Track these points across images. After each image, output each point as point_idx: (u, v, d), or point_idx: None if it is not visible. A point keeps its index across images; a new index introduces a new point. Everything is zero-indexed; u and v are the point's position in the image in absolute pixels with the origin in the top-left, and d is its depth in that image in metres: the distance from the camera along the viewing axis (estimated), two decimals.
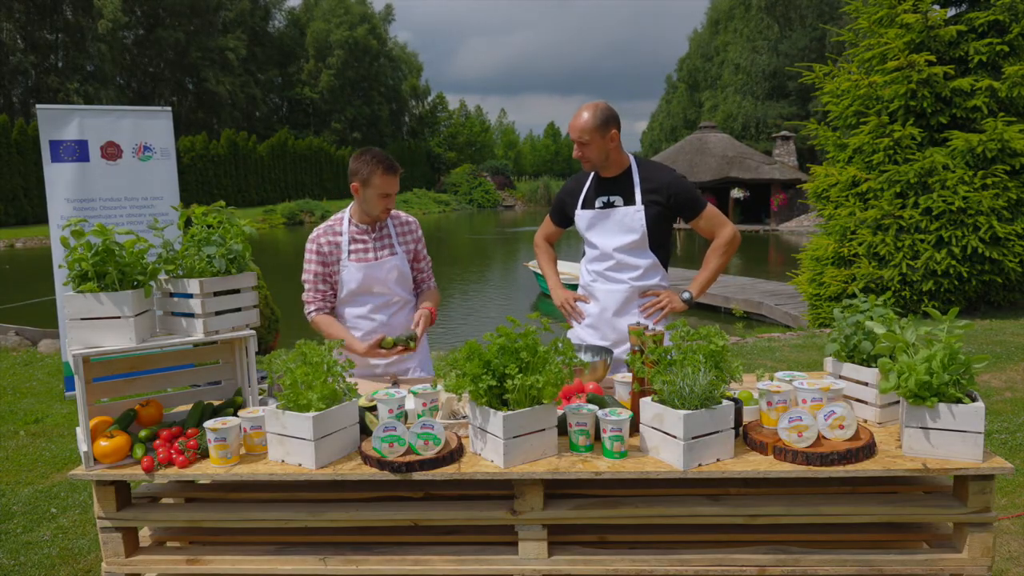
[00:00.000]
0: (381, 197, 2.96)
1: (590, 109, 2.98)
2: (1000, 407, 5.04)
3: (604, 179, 3.14)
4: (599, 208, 3.14)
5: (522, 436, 2.05)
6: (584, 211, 3.18)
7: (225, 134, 46.45)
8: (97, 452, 2.14)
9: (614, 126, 2.99)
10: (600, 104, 3.01)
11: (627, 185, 3.10)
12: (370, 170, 2.91)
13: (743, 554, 2.12)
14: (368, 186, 2.94)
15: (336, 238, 3.05)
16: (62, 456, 4.67)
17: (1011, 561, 2.99)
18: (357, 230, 3.07)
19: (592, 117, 2.95)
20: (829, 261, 9.40)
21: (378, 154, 2.95)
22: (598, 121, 2.96)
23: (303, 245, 3.13)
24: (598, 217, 3.14)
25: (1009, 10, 8.78)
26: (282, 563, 2.20)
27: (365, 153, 2.96)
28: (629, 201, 3.08)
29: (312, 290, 3.08)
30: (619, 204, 3.10)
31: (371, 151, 2.97)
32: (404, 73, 73.29)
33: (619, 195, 3.11)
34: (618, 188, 3.12)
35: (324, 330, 3.06)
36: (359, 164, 2.94)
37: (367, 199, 2.98)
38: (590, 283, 3.23)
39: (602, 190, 3.15)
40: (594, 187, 3.18)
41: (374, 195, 2.95)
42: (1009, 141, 8.33)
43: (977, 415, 1.95)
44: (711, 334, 2.11)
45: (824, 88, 9.72)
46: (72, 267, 2.23)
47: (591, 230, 3.17)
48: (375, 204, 2.98)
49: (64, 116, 5.57)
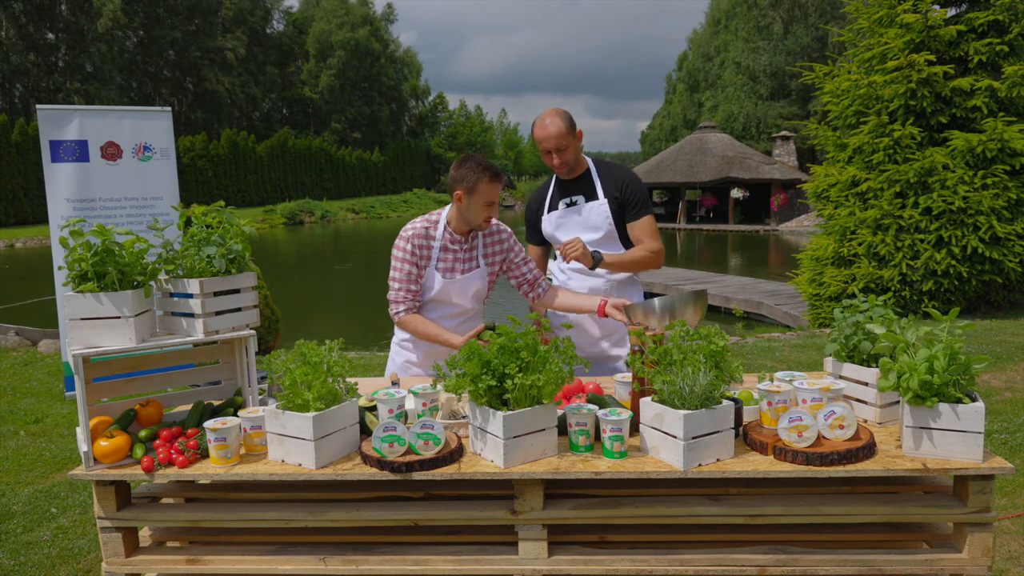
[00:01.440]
0: (486, 206, 2.88)
1: (557, 116, 3.09)
2: (1000, 407, 5.04)
3: (565, 182, 3.25)
4: (564, 208, 3.23)
5: (522, 436, 2.05)
6: (550, 214, 3.28)
7: (225, 134, 46.44)
8: (97, 452, 2.14)
9: (576, 125, 3.13)
10: (559, 109, 3.12)
11: (588, 183, 3.21)
12: (476, 177, 2.82)
13: (743, 554, 2.12)
14: (474, 194, 2.84)
15: (430, 242, 2.95)
16: (62, 456, 4.67)
17: (1011, 561, 2.99)
18: (451, 239, 2.97)
19: (564, 123, 3.07)
20: (829, 261, 9.40)
21: (482, 161, 2.87)
22: (568, 125, 3.08)
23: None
24: (564, 216, 3.23)
25: (1009, 10, 8.78)
26: (282, 563, 2.20)
27: (468, 160, 2.88)
28: (591, 197, 3.19)
29: (403, 290, 2.95)
30: (582, 202, 3.20)
31: (474, 158, 2.89)
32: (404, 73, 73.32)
33: (581, 194, 3.21)
34: (580, 188, 3.22)
35: (416, 328, 2.96)
36: (464, 171, 2.85)
37: (471, 207, 2.88)
38: (566, 282, 3.29)
39: (564, 192, 3.25)
40: (556, 191, 3.28)
41: (479, 203, 2.86)
42: (1009, 141, 8.33)
43: (977, 415, 1.95)
44: (711, 334, 2.11)
45: (824, 88, 9.72)
46: (72, 267, 2.23)
47: (559, 230, 3.25)
48: (479, 212, 2.88)
49: (64, 116, 5.57)
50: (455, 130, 77.39)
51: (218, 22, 57.43)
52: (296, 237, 33.38)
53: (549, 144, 3.08)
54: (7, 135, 33.58)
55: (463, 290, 3.01)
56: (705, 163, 30.53)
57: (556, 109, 3.14)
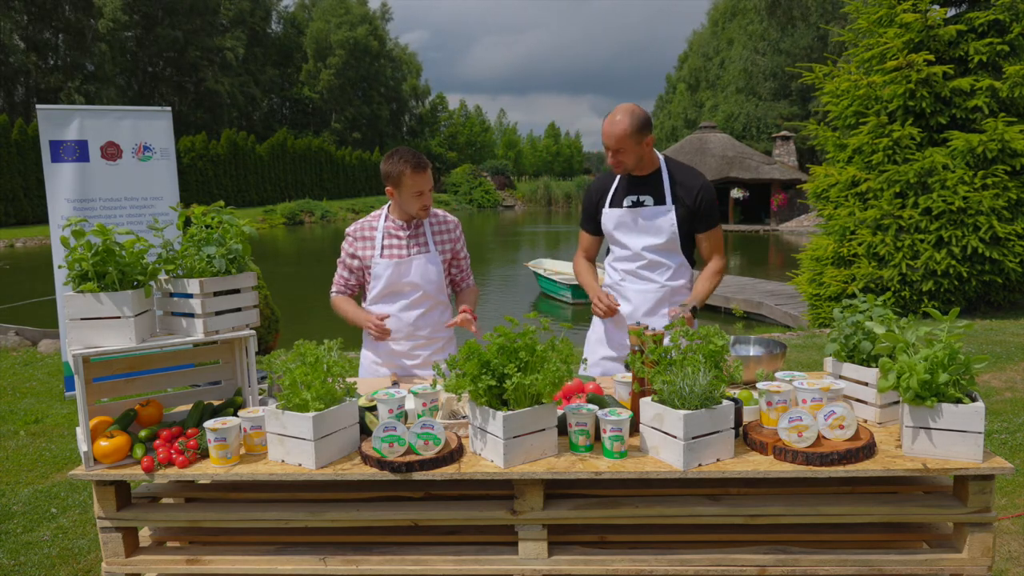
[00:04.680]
0: (416, 196, 2.96)
1: (628, 116, 2.88)
2: (1000, 407, 5.04)
3: (633, 177, 3.08)
4: (628, 207, 3.07)
5: (522, 436, 2.05)
6: (612, 210, 3.11)
7: (225, 134, 46.41)
8: (97, 452, 2.14)
9: (648, 131, 2.93)
10: (635, 110, 2.91)
11: (657, 184, 3.04)
12: (399, 171, 2.91)
13: (743, 554, 2.12)
14: (400, 187, 2.94)
15: (372, 232, 3.08)
16: (62, 456, 4.67)
17: (1011, 561, 2.99)
18: (393, 226, 3.08)
19: (630, 125, 2.87)
20: (829, 261, 9.40)
21: (405, 153, 2.95)
22: (635, 128, 2.88)
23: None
24: (627, 216, 3.07)
25: (1009, 10, 8.78)
26: (282, 563, 2.20)
27: (393, 155, 2.96)
28: (659, 201, 3.03)
29: (339, 276, 3.17)
30: (649, 203, 3.04)
31: (398, 151, 2.97)
32: (404, 73, 73.29)
33: (649, 194, 3.05)
34: (648, 187, 3.05)
35: (339, 307, 3.14)
36: (388, 166, 2.94)
37: (403, 200, 2.98)
38: (619, 282, 3.16)
39: (631, 189, 3.08)
40: (623, 186, 3.11)
41: (408, 195, 2.96)
42: (1010, 141, 8.33)
43: (977, 415, 1.95)
44: (711, 334, 2.11)
45: (824, 88, 9.72)
46: (72, 267, 2.23)
47: (619, 229, 3.11)
48: (412, 203, 2.98)
49: (64, 116, 5.57)
50: (455, 130, 77.37)
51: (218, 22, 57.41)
52: (296, 237, 33.38)
53: (608, 142, 2.92)
54: (7, 135, 33.54)
55: (418, 272, 3.04)
56: (705, 163, 30.51)
57: (631, 107, 2.92)
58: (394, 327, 3.08)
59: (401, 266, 3.04)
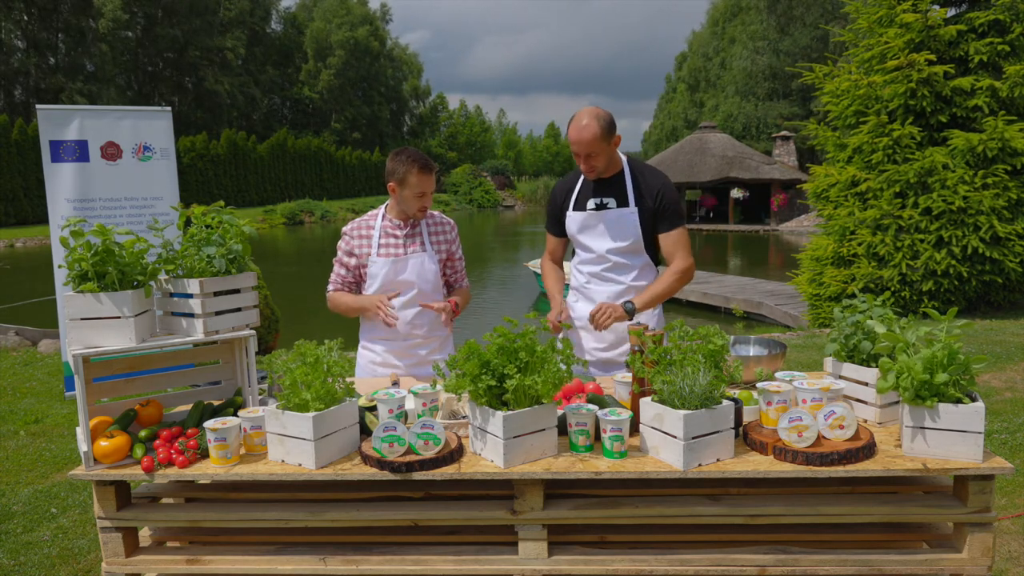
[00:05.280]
0: (417, 196, 2.98)
1: (595, 119, 2.86)
2: (1000, 407, 5.04)
3: (596, 180, 3.06)
4: (591, 210, 3.06)
5: (522, 436, 2.05)
6: (576, 213, 3.10)
7: (225, 134, 46.41)
8: (97, 452, 2.14)
9: (615, 131, 2.93)
10: (600, 112, 2.90)
11: (620, 186, 3.03)
12: (406, 169, 2.93)
13: (743, 554, 2.12)
14: (404, 185, 2.96)
15: (369, 231, 3.09)
16: (62, 456, 4.67)
17: (1011, 561, 2.99)
18: (390, 225, 3.10)
19: (599, 128, 2.86)
20: (829, 261, 9.40)
21: (413, 153, 2.98)
22: (604, 131, 2.87)
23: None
24: (591, 219, 3.06)
25: (1009, 10, 8.78)
26: (282, 563, 2.20)
27: (401, 153, 2.99)
28: (622, 203, 3.02)
29: (335, 274, 3.16)
30: (612, 206, 3.03)
31: (407, 150, 2.99)
32: (404, 73, 73.27)
33: (612, 196, 3.03)
34: (611, 189, 3.04)
35: (337, 301, 3.14)
36: (395, 164, 2.97)
37: (404, 198, 3.00)
38: (584, 284, 3.16)
39: (594, 191, 3.07)
40: (587, 188, 3.10)
41: (410, 194, 2.98)
42: (1010, 141, 8.33)
43: (977, 415, 1.95)
44: (711, 334, 2.11)
45: (824, 88, 9.72)
46: (72, 267, 2.23)
47: (583, 232, 3.10)
48: (412, 203, 3.00)
49: (64, 116, 5.58)
50: (455, 130, 77.36)
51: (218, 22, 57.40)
52: (296, 237, 33.38)
53: (579, 149, 2.90)
54: (7, 135, 33.55)
55: (414, 270, 3.05)
56: (705, 163, 30.52)
57: (595, 110, 2.89)
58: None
59: (398, 264, 3.05)
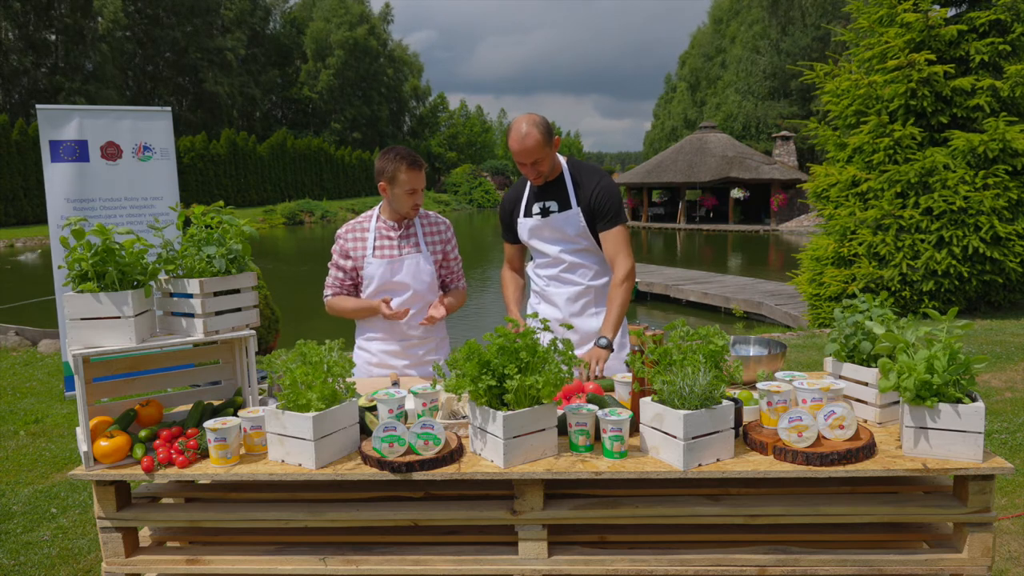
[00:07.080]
0: (408, 194, 2.98)
1: (534, 127, 2.88)
2: (1000, 407, 5.04)
3: (539, 184, 3.11)
4: (537, 215, 3.11)
5: (522, 436, 2.05)
6: (524, 219, 3.16)
7: (225, 134, 46.41)
8: (97, 452, 2.14)
9: (552, 135, 2.96)
10: (538, 119, 2.93)
11: (561, 190, 3.07)
12: (395, 167, 2.93)
13: (743, 554, 2.12)
14: (395, 184, 2.96)
15: (364, 234, 3.09)
16: (62, 456, 4.67)
17: (1011, 561, 2.99)
18: (385, 226, 3.10)
19: (540, 135, 2.89)
20: (829, 261, 9.40)
21: (401, 151, 2.98)
22: (545, 136, 2.91)
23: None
24: (538, 224, 3.11)
25: (1010, 10, 8.78)
26: (282, 563, 2.20)
27: (389, 151, 2.99)
28: (564, 205, 3.06)
29: (332, 277, 3.15)
30: (554, 209, 3.07)
31: (395, 149, 3.00)
32: (404, 73, 73.23)
33: (554, 199, 3.08)
34: (553, 193, 3.09)
35: (338, 306, 3.13)
36: (384, 163, 2.97)
37: (395, 197, 3.00)
38: (544, 288, 3.20)
39: (538, 196, 3.12)
40: (532, 193, 3.15)
41: (401, 192, 2.98)
42: (1011, 141, 8.33)
43: (977, 415, 1.95)
44: (711, 334, 2.11)
45: (824, 87, 9.72)
46: (72, 267, 2.23)
47: (534, 238, 3.16)
48: (403, 201, 3.00)
49: (64, 116, 5.57)
50: (455, 130, 77.35)
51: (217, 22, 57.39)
52: (296, 237, 33.38)
53: (524, 158, 2.92)
54: (7, 135, 33.56)
55: (410, 271, 3.06)
56: (705, 163, 30.53)
57: (531, 117, 2.91)
58: (388, 326, 3.09)
59: (393, 265, 3.05)
